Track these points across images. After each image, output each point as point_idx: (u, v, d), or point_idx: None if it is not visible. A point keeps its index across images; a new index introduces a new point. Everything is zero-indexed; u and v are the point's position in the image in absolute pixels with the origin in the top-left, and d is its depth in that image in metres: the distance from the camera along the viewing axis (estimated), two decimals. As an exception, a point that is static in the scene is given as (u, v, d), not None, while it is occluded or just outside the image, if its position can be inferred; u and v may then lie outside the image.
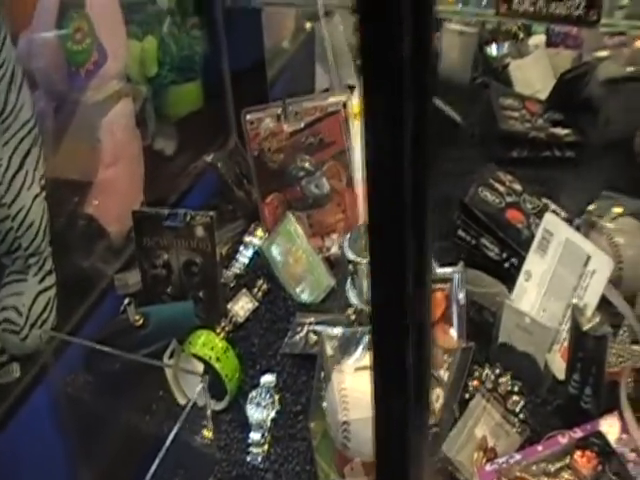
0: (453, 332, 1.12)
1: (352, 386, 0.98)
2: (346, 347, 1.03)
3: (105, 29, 1.37)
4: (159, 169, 1.63)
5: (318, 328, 1.13)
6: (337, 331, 1.07)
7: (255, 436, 1.07)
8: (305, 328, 1.19)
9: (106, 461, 1.13)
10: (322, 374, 1.04)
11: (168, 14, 1.65)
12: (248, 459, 1.07)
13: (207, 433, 1.08)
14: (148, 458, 0.96)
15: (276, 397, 1.11)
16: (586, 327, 1.01)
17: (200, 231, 1.25)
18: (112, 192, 1.46)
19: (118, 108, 1.46)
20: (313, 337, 1.17)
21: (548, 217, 1.22)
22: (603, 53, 1.70)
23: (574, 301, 1.06)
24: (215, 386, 1.14)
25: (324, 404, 1.02)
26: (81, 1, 1.29)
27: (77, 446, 1.15)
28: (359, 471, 0.99)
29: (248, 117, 1.32)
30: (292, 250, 1.30)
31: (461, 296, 1.13)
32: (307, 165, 1.32)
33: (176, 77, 1.65)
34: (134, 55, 1.57)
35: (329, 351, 1.00)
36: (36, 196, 1.18)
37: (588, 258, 1.12)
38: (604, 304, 1.12)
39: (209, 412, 1.07)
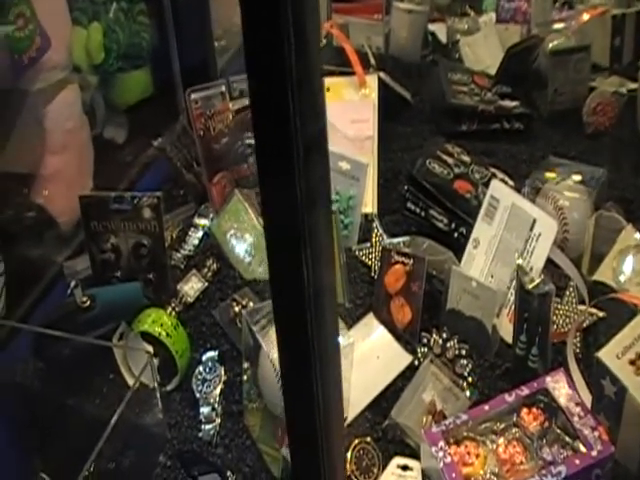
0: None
1: None
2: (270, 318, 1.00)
3: (48, 15, 1.35)
4: (110, 157, 1.61)
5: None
6: (259, 305, 1.04)
7: (205, 411, 1.06)
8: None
9: (58, 448, 1.12)
10: (246, 364, 1.03)
11: (114, 1, 1.63)
12: (200, 435, 1.05)
13: (157, 412, 1.07)
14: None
15: (222, 371, 1.10)
16: (530, 286, 1.01)
17: (147, 212, 1.24)
18: (61, 181, 1.44)
19: (63, 96, 1.44)
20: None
21: (494, 184, 1.21)
22: (551, 26, 1.71)
23: (519, 262, 1.06)
24: (166, 368, 1.13)
25: (259, 384, 1.01)
26: (23, -13, 1.27)
27: (28, 434, 1.13)
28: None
29: (192, 96, 1.31)
30: (241, 228, 1.28)
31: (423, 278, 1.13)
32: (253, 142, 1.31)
33: (124, 64, 1.63)
34: (79, 42, 1.54)
35: (255, 327, 0.97)
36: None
37: (534, 222, 1.12)
38: (551, 267, 1.12)
39: (158, 391, 1.05)
